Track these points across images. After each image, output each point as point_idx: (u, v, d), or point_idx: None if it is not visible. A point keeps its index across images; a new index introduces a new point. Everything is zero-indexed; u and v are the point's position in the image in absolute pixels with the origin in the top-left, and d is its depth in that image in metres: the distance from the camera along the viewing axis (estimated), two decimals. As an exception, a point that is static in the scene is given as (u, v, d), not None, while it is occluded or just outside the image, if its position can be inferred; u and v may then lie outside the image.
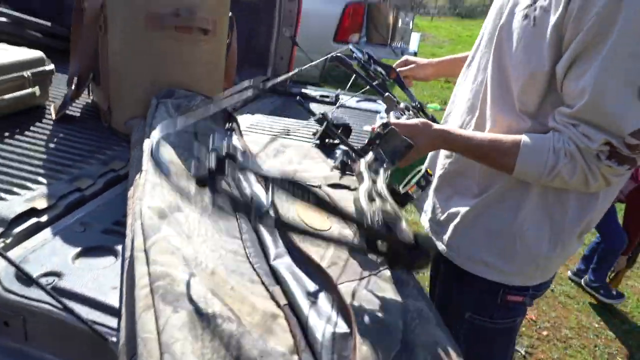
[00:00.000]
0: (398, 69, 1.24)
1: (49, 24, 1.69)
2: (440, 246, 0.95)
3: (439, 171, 0.98)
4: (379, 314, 0.60)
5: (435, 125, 0.85)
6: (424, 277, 1.59)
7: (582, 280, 2.45)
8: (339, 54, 1.13)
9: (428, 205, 1.01)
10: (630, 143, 0.70)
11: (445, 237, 0.94)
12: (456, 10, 18.39)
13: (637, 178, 2.16)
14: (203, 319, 0.41)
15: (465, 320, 0.96)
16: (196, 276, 0.47)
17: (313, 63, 1.19)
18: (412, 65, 1.25)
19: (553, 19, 0.73)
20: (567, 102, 0.75)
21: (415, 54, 5.19)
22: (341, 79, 4.19)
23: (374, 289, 0.66)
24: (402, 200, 0.88)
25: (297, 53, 2.00)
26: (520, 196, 0.84)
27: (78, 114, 1.25)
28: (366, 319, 0.58)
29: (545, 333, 2.08)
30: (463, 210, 0.90)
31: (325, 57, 1.18)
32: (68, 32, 1.71)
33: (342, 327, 0.52)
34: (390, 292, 0.67)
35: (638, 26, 0.66)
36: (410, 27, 5.25)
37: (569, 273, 2.55)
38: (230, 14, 1.20)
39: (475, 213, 0.89)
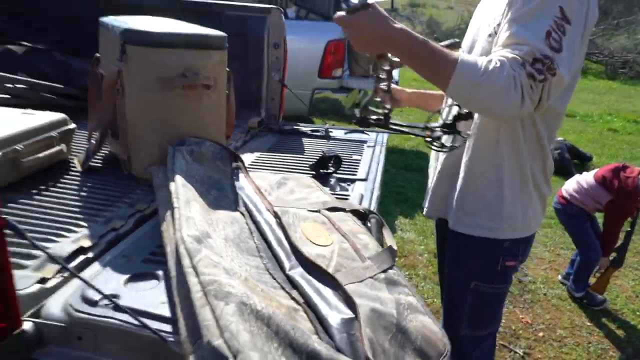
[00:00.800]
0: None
1: (61, 86, 1.87)
2: (449, 222, 1.26)
3: (438, 168, 1.30)
4: (377, 306, 0.75)
5: (392, 22, 0.96)
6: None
7: (567, 288, 2.57)
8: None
9: (432, 196, 1.33)
10: (545, 57, 0.91)
11: (451, 213, 1.24)
12: (434, 34, 19.10)
13: (613, 189, 2.33)
14: (247, 307, 0.56)
15: (471, 289, 1.24)
16: (236, 280, 0.61)
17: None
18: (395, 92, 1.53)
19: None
20: (497, 42, 0.99)
21: (397, 83, 5.46)
22: (327, 111, 4.42)
23: (372, 288, 0.80)
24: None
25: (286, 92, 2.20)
26: (495, 170, 1.14)
27: (100, 165, 1.41)
28: (367, 309, 0.72)
29: (541, 334, 2.21)
30: (457, 190, 1.21)
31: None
32: (79, 92, 1.89)
33: (349, 314, 0.67)
34: (385, 291, 0.81)
35: (548, 1, 0.92)
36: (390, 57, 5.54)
37: (559, 277, 2.69)
38: (227, 69, 1.38)
39: (465, 190, 1.19)
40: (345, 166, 1.50)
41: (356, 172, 1.49)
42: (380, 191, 1.46)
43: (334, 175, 1.43)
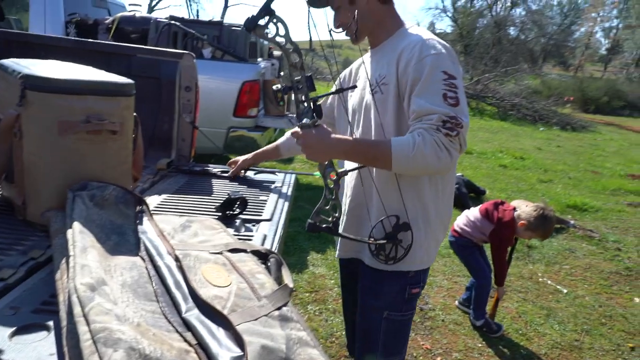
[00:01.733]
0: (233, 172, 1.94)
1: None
2: (365, 260, 1.40)
3: (345, 208, 1.45)
4: (268, 342, 0.81)
5: (334, 134, 1.20)
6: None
7: (469, 317, 2.80)
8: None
9: (346, 232, 1.42)
10: (451, 118, 1.14)
11: (365, 251, 1.37)
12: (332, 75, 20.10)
13: (493, 220, 2.63)
14: (136, 352, 0.60)
15: (384, 319, 1.39)
16: (127, 326, 0.65)
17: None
18: (240, 162, 1.89)
19: (392, 85, 1.26)
20: (409, 120, 1.21)
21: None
22: (243, 149, 4.48)
23: (265, 326, 0.87)
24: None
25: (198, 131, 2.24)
26: (402, 214, 1.29)
27: (-9, 211, 1.34)
28: (257, 347, 0.79)
29: (439, 359, 2.38)
30: (369, 233, 1.33)
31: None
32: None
33: (238, 352, 0.73)
34: (277, 327, 0.89)
35: (432, 69, 1.17)
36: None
37: (456, 302, 2.93)
38: (135, 114, 1.41)
39: (377, 232, 1.31)
40: (252, 207, 1.57)
41: (262, 212, 1.57)
42: (284, 230, 1.55)
43: (240, 216, 1.49)
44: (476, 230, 2.67)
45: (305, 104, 1.20)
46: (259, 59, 4.85)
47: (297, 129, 1.23)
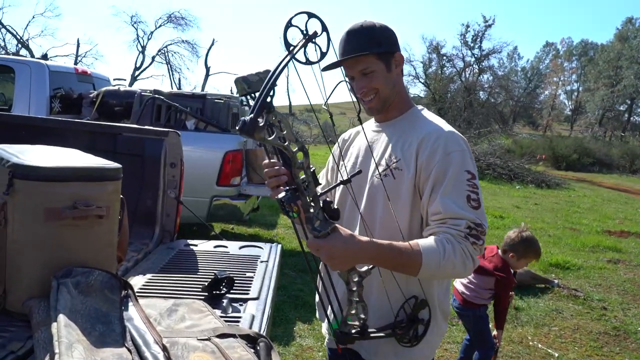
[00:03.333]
0: None
1: None
2: (362, 353, 1.29)
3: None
4: None
5: (357, 237, 1.07)
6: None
7: None
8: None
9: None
10: (477, 225, 1.13)
11: (366, 345, 1.27)
12: (329, 139, 20.69)
13: (492, 272, 2.61)
14: None
15: None
16: None
17: None
18: None
19: (408, 173, 1.22)
20: (432, 217, 1.17)
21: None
22: (226, 217, 4.47)
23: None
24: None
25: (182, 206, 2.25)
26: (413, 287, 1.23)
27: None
28: None
29: None
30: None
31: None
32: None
33: None
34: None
35: (458, 168, 1.16)
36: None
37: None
38: (122, 196, 1.42)
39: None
40: (238, 285, 1.55)
41: (249, 290, 1.55)
42: (272, 308, 1.52)
43: (227, 295, 1.47)
44: (482, 290, 2.63)
45: (313, 205, 1.01)
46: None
47: (313, 239, 1.03)
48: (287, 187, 1.03)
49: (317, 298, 1.47)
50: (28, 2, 42.99)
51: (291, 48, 0.97)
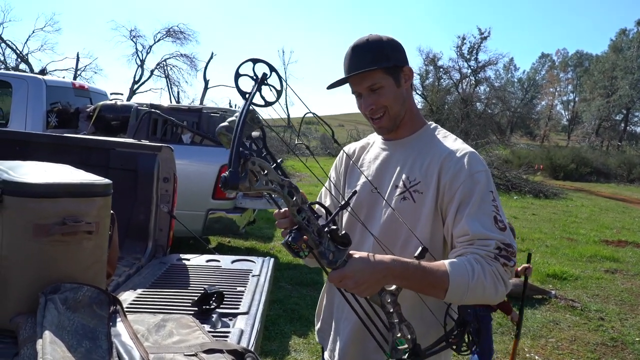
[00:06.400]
0: None
1: None
2: None
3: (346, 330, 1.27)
4: None
5: (378, 256, 1.00)
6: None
7: None
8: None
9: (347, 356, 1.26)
10: (506, 245, 1.07)
11: None
12: (327, 150, 20.77)
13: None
14: None
15: None
16: None
17: None
18: None
19: (428, 194, 1.16)
20: (458, 239, 1.11)
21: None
22: (222, 230, 4.46)
23: None
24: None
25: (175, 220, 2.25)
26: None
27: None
28: None
29: None
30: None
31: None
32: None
33: None
34: None
35: (484, 188, 1.12)
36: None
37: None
38: (112, 212, 1.43)
39: None
40: (228, 299, 1.55)
41: (239, 305, 1.55)
42: (262, 323, 1.52)
43: (217, 310, 1.47)
44: None
45: (320, 238, 0.95)
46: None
47: (333, 272, 0.97)
48: (290, 230, 0.98)
49: (317, 326, 1.44)
50: (28, 16, 43.25)
51: (247, 96, 0.94)
